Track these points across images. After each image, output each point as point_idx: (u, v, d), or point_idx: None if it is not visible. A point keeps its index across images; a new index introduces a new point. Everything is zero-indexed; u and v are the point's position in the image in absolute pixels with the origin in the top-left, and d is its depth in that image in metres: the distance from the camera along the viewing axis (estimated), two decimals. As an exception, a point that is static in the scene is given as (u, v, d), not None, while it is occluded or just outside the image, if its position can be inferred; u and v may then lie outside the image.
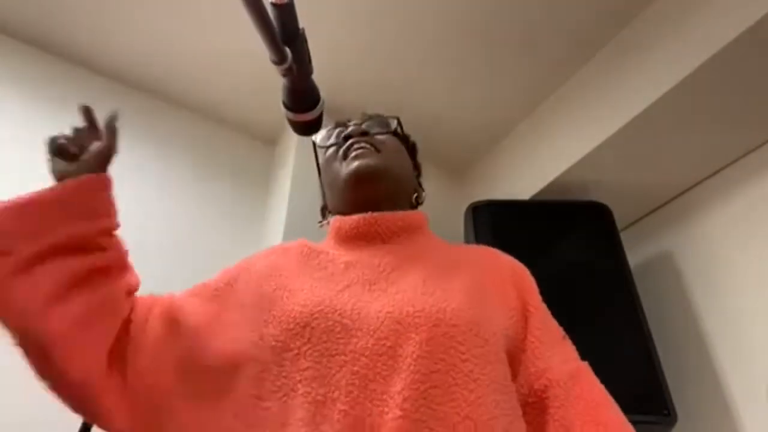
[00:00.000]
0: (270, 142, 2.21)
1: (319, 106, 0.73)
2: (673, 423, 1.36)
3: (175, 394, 0.68)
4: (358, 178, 0.84)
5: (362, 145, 0.86)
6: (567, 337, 0.81)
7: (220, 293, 0.78)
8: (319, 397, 0.61)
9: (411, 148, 1.03)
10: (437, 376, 0.61)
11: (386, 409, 0.59)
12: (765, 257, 1.54)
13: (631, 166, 1.75)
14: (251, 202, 2.03)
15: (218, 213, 1.92)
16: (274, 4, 0.61)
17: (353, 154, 0.86)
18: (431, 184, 2.20)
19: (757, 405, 1.45)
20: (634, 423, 0.76)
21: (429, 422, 0.58)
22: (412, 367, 0.61)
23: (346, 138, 0.89)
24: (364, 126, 0.92)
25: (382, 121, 0.96)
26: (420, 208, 0.97)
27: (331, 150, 0.92)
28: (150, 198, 1.80)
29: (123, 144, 1.98)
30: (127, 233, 1.74)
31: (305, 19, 0.67)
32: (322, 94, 0.75)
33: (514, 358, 0.73)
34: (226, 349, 0.69)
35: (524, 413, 0.70)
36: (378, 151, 0.87)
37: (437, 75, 1.92)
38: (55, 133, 0.75)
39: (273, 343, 0.67)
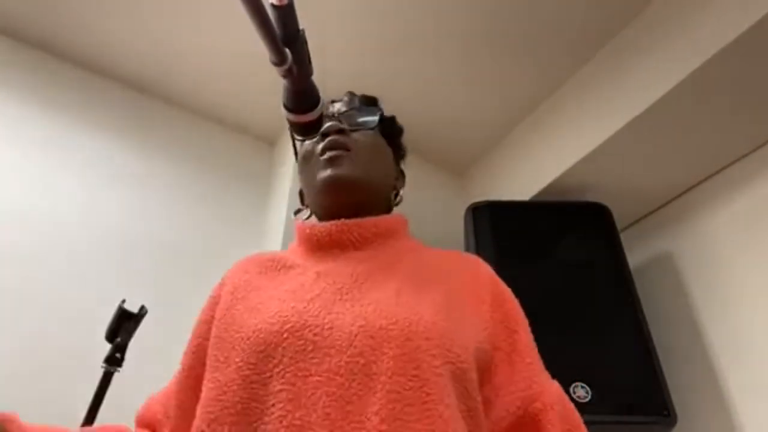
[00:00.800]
0: (270, 142, 2.21)
1: (319, 107, 0.73)
2: (672, 423, 1.36)
3: None
4: (330, 187, 0.82)
5: (336, 153, 0.82)
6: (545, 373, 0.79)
7: (200, 344, 0.78)
8: (296, 421, 0.58)
9: (396, 133, 0.97)
10: (411, 393, 0.60)
11: (364, 430, 0.58)
12: (765, 257, 1.54)
13: (630, 167, 1.75)
14: (251, 202, 2.03)
15: (218, 213, 1.92)
16: (274, 6, 0.61)
17: (327, 156, 0.82)
18: (431, 184, 2.23)
19: (756, 405, 1.45)
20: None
21: None
22: (387, 386, 0.60)
23: (323, 135, 0.84)
24: (343, 122, 0.87)
25: (364, 110, 0.91)
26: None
27: (308, 143, 0.88)
28: (150, 198, 1.80)
29: (122, 144, 1.98)
30: (127, 233, 1.74)
31: (305, 19, 0.67)
32: (322, 94, 0.75)
33: (487, 370, 0.71)
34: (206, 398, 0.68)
35: (514, 430, 0.70)
36: (351, 154, 0.83)
37: (438, 76, 1.92)
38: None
39: (239, 365, 0.65)
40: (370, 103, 0.95)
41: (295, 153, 0.94)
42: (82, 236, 1.61)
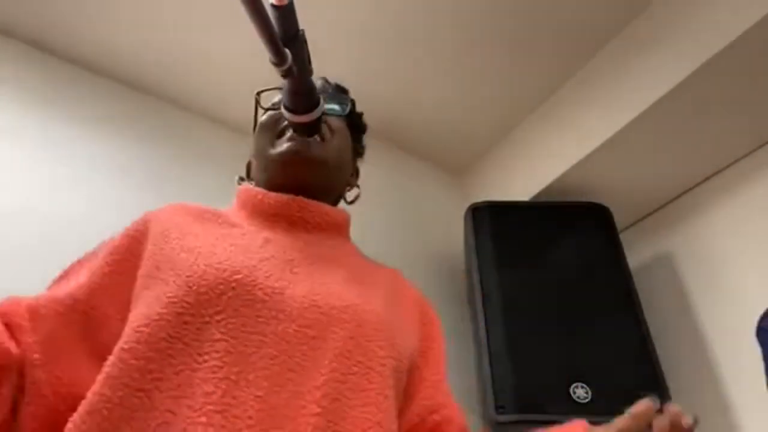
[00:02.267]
0: (270, 142, 2.21)
1: (319, 108, 0.73)
2: (673, 424, 1.36)
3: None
4: (295, 161, 0.76)
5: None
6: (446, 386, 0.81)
7: (103, 262, 0.70)
8: (232, 375, 0.55)
9: (361, 129, 0.94)
10: (354, 378, 0.60)
11: (303, 403, 0.55)
12: (764, 257, 1.54)
13: (630, 168, 1.75)
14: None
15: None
16: (274, 6, 0.61)
17: (289, 134, 0.77)
18: (431, 184, 2.23)
19: (756, 405, 1.45)
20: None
21: (342, 423, 0.56)
22: (333, 364, 0.59)
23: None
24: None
25: (336, 97, 0.88)
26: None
27: (270, 114, 0.84)
28: (149, 198, 1.80)
29: (121, 144, 1.98)
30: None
31: (305, 20, 0.67)
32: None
33: (406, 380, 0.71)
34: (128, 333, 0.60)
35: None
36: (321, 138, 0.79)
37: (437, 76, 1.92)
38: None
39: (172, 300, 0.58)
40: (342, 91, 0.93)
41: (255, 122, 0.90)
42: (78, 236, 1.60)
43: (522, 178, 1.98)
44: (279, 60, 0.63)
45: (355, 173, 0.92)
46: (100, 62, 1.90)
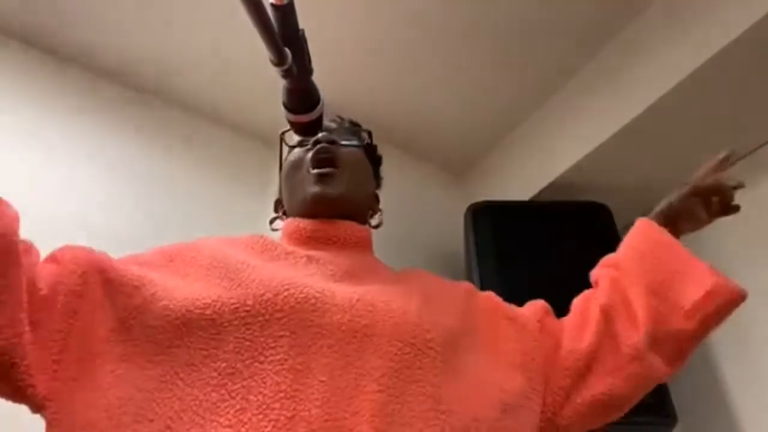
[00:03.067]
0: (269, 143, 2.21)
1: (319, 107, 0.73)
2: (673, 424, 1.36)
3: (103, 356, 0.63)
4: (319, 204, 0.87)
5: (326, 170, 0.87)
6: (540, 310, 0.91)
7: (158, 263, 0.76)
8: (297, 366, 0.61)
9: (376, 161, 1.04)
10: (408, 357, 0.66)
11: (364, 383, 0.61)
12: (765, 257, 1.54)
13: (631, 167, 1.75)
14: (250, 203, 2.02)
15: (216, 214, 1.92)
16: (274, 5, 0.61)
17: (317, 173, 0.87)
18: (431, 184, 2.23)
19: (757, 405, 1.45)
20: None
21: (402, 397, 0.62)
22: (386, 348, 0.65)
23: (315, 143, 0.90)
24: (334, 135, 0.94)
25: (352, 131, 0.99)
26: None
27: (297, 151, 0.94)
28: (148, 198, 1.80)
29: (121, 143, 1.98)
30: (125, 233, 1.74)
31: (305, 20, 0.67)
32: (322, 95, 0.75)
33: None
34: (173, 308, 0.65)
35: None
36: (339, 172, 0.89)
37: (437, 76, 1.92)
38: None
39: (235, 305, 0.65)
40: (357, 125, 1.02)
41: (280, 163, 0.99)
42: (78, 236, 1.61)
43: (522, 178, 1.98)
44: (279, 60, 0.63)
45: (376, 201, 1.02)
46: (99, 62, 1.90)
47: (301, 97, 0.71)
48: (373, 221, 0.98)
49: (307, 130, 0.76)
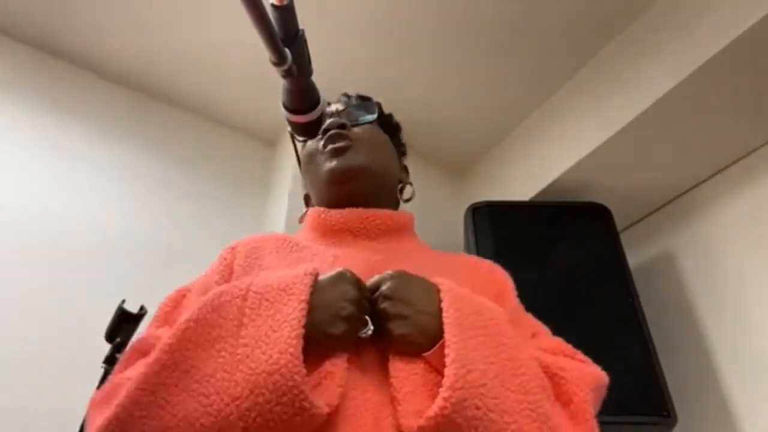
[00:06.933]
0: (270, 143, 2.21)
1: (319, 108, 0.73)
2: (673, 424, 1.36)
3: None
4: (335, 178, 0.84)
5: (339, 144, 0.85)
6: (541, 333, 0.83)
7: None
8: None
9: (394, 129, 0.99)
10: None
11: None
12: (765, 257, 1.54)
13: (631, 167, 1.75)
14: (251, 203, 2.03)
15: (217, 214, 1.92)
16: (274, 6, 0.61)
17: (330, 148, 0.85)
18: (431, 185, 2.23)
19: (756, 405, 1.45)
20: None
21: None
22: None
23: (325, 131, 0.87)
24: (342, 117, 0.90)
25: (362, 106, 0.94)
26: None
27: (311, 143, 0.91)
28: (150, 198, 1.80)
29: (122, 144, 1.97)
30: (126, 234, 1.73)
31: (305, 20, 0.67)
32: (323, 94, 0.75)
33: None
34: None
35: None
36: (354, 145, 0.85)
37: (438, 76, 1.92)
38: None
39: None
40: (366, 100, 0.97)
41: (297, 158, 0.96)
42: (82, 237, 1.61)
43: (522, 178, 1.98)
44: (279, 60, 0.63)
45: (404, 171, 0.97)
46: (99, 62, 1.90)
47: (301, 97, 0.71)
48: (405, 194, 0.93)
49: (307, 130, 0.76)
